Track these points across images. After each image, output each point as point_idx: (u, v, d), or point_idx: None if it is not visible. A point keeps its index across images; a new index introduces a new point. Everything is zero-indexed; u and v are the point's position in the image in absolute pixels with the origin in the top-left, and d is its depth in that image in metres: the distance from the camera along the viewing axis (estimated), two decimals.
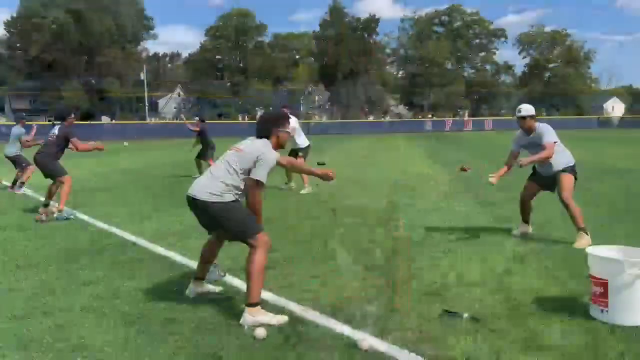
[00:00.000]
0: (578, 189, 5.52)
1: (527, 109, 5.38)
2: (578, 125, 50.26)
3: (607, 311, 3.27)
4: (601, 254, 3.44)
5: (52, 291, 4.03)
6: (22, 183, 10.15)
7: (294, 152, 9.56)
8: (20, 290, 4.08)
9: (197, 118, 13.58)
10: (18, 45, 71.34)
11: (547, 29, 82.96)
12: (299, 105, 73.41)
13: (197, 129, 12.80)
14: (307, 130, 45.55)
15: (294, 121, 9.63)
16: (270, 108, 49.09)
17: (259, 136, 3.66)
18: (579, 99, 78.02)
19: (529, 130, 5.40)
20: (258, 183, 3.46)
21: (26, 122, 10.90)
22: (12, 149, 10.46)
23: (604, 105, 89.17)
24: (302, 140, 9.70)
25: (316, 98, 79.05)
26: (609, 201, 7.78)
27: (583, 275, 4.11)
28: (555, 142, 5.25)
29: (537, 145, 5.34)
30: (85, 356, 2.91)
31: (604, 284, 3.28)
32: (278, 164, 3.72)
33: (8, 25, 71.50)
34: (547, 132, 5.27)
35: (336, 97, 70.76)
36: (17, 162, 10.44)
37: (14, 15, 67.94)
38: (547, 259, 4.71)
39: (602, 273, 3.31)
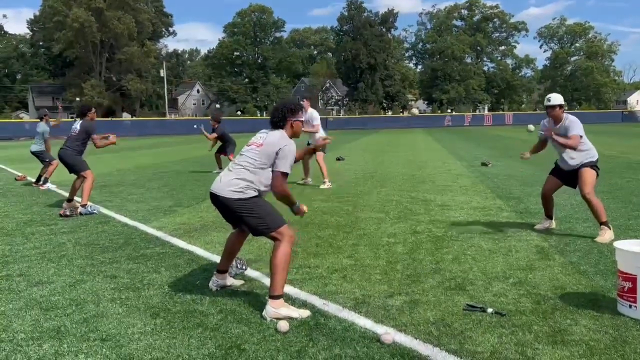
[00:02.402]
0: (601, 183, 5.43)
1: (556, 98, 5.36)
2: (601, 119, 49.39)
3: (636, 307, 3.20)
4: (631, 248, 3.36)
5: (80, 284, 4.10)
6: (46, 178, 10.34)
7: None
8: (50, 283, 4.16)
9: (211, 122, 12.49)
10: (41, 43, 72.70)
11: (570, 21, 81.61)
12: (317, 100, 73.37)
13: (214, 137, 12.21)
14: (325, 125, 45.48)
15: (316, 116, 9.54)
16: None
17: (274, 126, 3.65)
18: (602, 93, 76.55)
19: (556, 120, 5.36)
20: (283, 174, 3.51)
21: (50, 119, 11.10)
22: (37, 146, 10.71)
23: (628, 99, 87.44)
24: (320, 132, 9.63)
25: (334, 93, 78.95)
26: (633, 196, 7.62)
27: (609, 270, 4.05)
28: (581, 136, 5.20)
29: (561, 136, 5.28)
30: (115, 346, 2.95)
31: (633, 279, 3.21)
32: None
33: (31, 23, 72.94)
34: (574, 126, 5.24)
35: (354, 92, 70.48)
36: (41, 157, 10.67)
37: (37, 13, 69.32)
38: (572, 254, 4.64)
39: (631, 268, 3.24)
